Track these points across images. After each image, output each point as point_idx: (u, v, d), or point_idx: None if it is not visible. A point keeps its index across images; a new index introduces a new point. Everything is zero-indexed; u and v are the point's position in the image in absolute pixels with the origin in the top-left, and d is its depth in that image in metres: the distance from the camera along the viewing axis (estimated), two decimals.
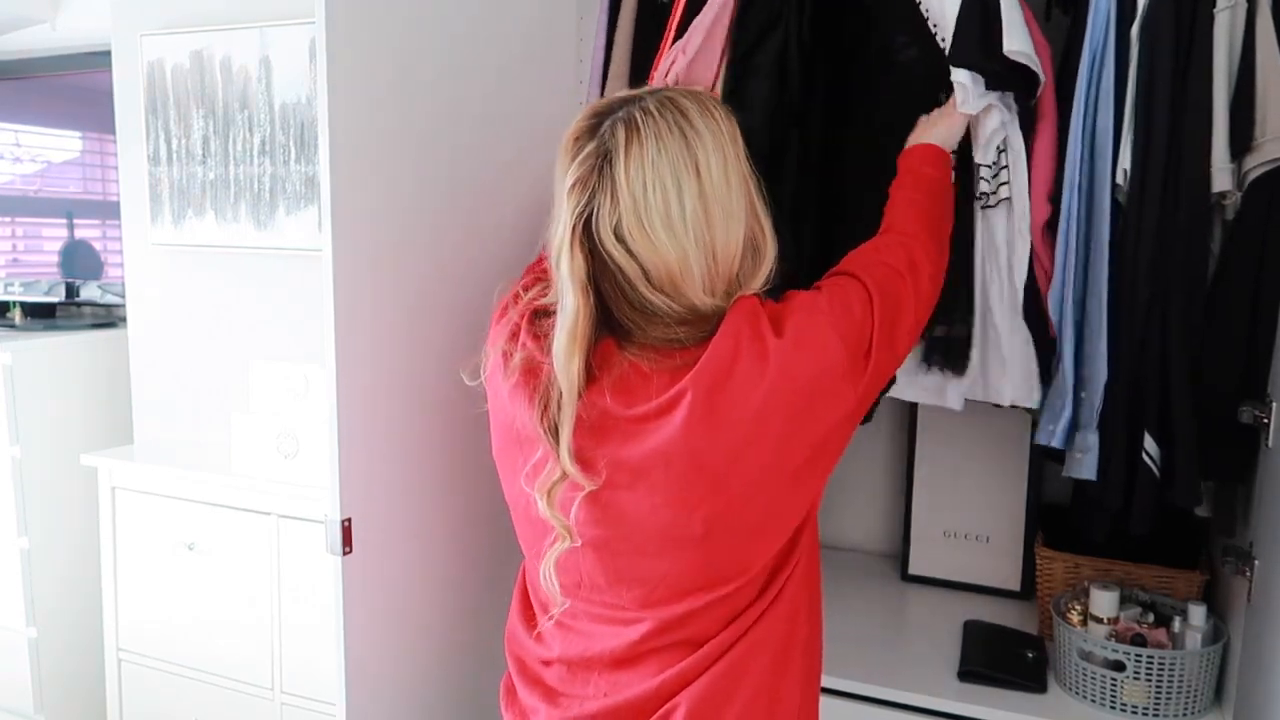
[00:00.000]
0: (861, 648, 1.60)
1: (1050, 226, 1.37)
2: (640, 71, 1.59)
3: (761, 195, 1.03)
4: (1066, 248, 1.33)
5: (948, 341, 1.45)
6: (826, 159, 1.51)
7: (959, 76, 1.34)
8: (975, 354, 1.43)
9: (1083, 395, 1.34)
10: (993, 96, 1.34)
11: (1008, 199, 1.39)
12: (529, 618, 1.13)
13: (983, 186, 1.39)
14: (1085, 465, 1.35)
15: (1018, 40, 1.29)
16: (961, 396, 1.46)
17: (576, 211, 0.96)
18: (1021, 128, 1.37)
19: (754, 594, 1.02)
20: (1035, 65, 1.31)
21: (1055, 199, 1.36)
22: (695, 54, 1.43)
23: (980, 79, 1.34)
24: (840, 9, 1.48)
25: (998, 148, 1.38)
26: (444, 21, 1.36)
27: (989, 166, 1.39)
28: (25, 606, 2.32)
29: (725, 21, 1.44)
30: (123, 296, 2.49)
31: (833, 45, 1.49)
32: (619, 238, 0.95)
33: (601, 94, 1.63)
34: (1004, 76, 1.33)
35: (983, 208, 1.40)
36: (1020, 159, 1.38)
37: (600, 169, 0.96)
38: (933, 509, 1.83)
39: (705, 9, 1.44)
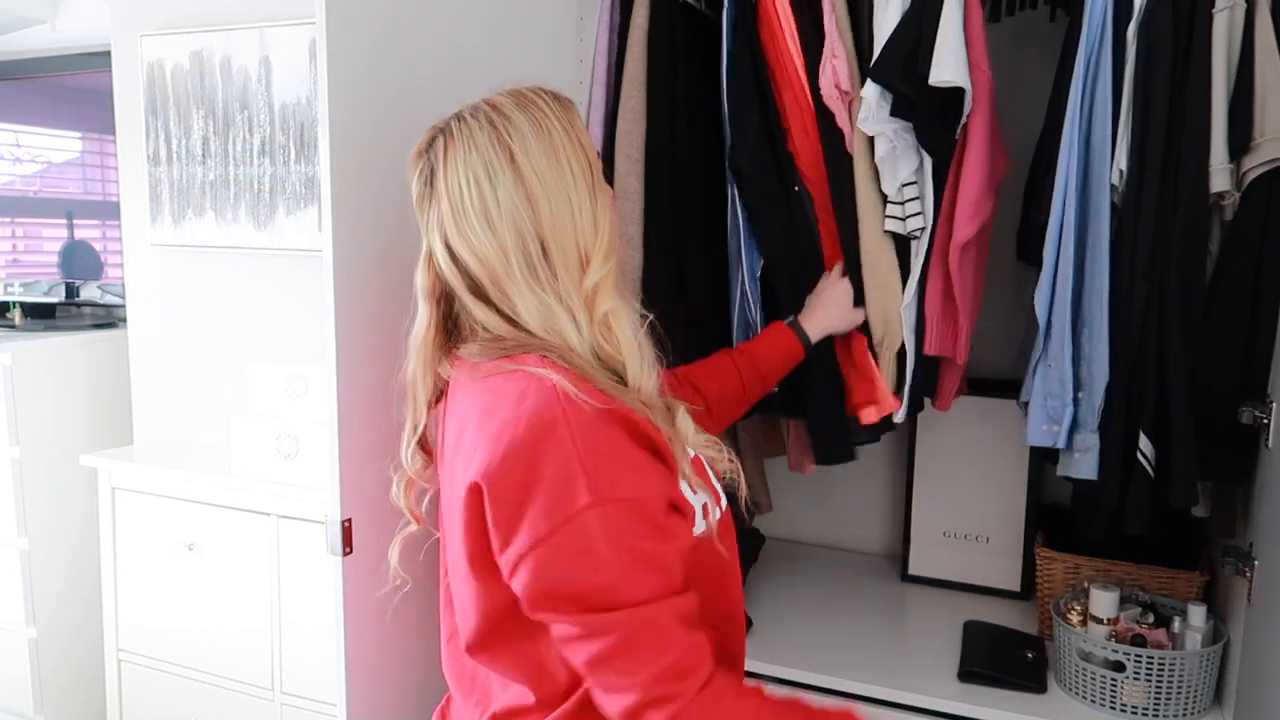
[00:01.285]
0: (861, 648, 1.60)
1: (969, 246, 1.41)
2: (660, 72, 1.57)
3: (609, 181, 1.02)
4: (1058, 249, 1.33)
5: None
6: None
7: (868, 92, 1.39)
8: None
9: (1080, 396, 1.34)
10: (891, 124, 1.38)
11: (923, 228, 1.44)
12: None
13: (891, 225, 1.45)
14: (1085, 465, 1.35)
15: (949, 70, 1.32)
16: None
17: (424, 229, 0.99)
18: (941, 152, 1.41)
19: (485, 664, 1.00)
20: (966, 90, 1.33)
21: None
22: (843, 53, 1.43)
23: (886, 101, 1.38)
24: None
25: (903, 182, 1.43)
26: (444, 22, 1.36)
27: (897, 203, 1.44)
28: (25, 606, 2.31)
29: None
30: (123, 297, 2.49)
31: None
32: (447, 246, 0.96)
33: (608, 95, 1.62)
34: (912, 105, 1.37)
35: (908, 240, 1.46)
36: (929, 188, 1.43)
37: (430, 182, 0.98)
38: (933, 509, 1.83)
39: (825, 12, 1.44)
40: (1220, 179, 1.24)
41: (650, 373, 0.96)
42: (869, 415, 1.49)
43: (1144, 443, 1.30)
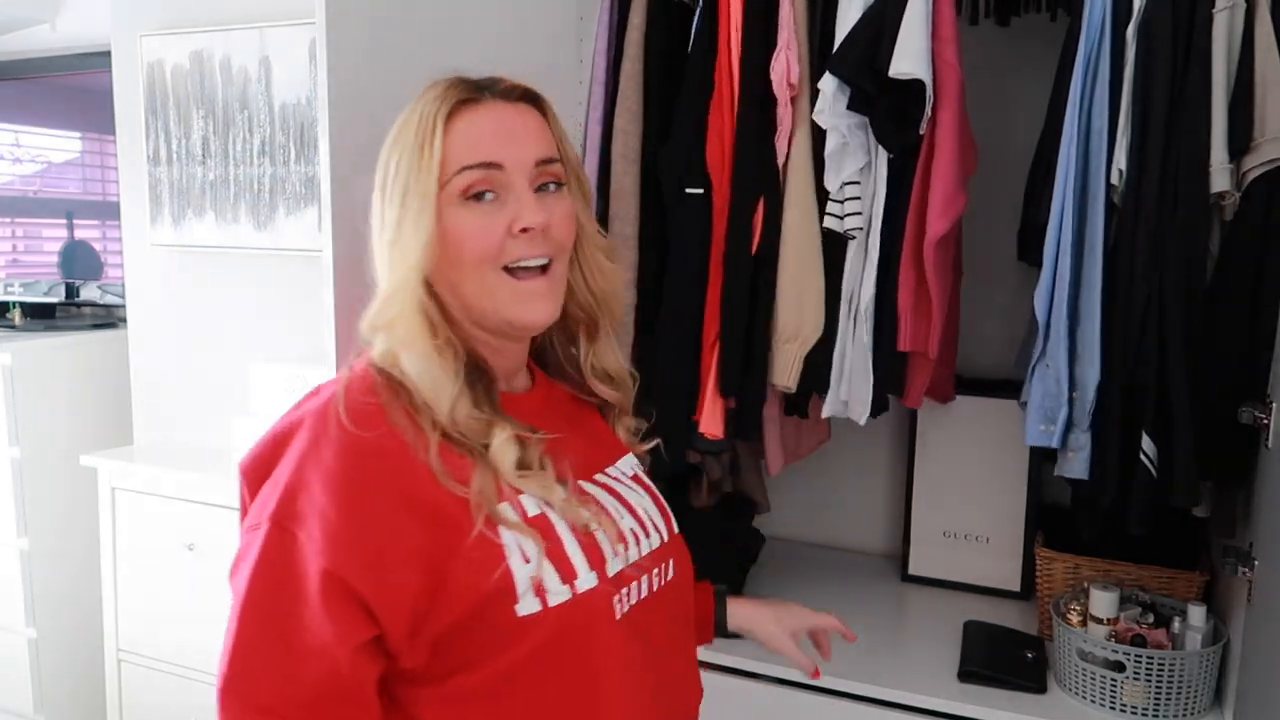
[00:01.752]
0: (861, 648, 1.59)
1: (945, 242, 1.41)
2: (657, 71, 1.56)
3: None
4: (1058, 250, 1.33)
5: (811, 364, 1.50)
6: None
7: (825, 84, 1.38)
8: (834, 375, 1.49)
9: (1075, 395, 1.35)
10: (846, 119, 1.38)
11: (861, 228, 1.44)
12: None
13: (829, 223, 1.45)
14: (1077, 464, 1.36)
15: (908, 62, 1.32)
16: (826, 412, 1.53)
17: None
18: (901, 149, 1.40)
19: None
20: (926, 82, 1.33)
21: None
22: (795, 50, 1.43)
23: (844, 95, 1.37)
24: None
25: (844, 181, 1.43)
26: (444, 22, 1.36)
27: (837, 201, 1.44)
28: (25, 606, 2.32)
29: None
30: (123, 297, 2.49)
31: None
32: None
33: (606, 95, 1.62)
34: (869, 100, 1.36)
35: (846, 239, 1.47)
36: (880, 186, 1.42)
37: None
38: (933, 509, 1.83)
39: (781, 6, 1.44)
40: (1220, 179, 1.24)
41: (443, 397, 0.83)
42: (706, 427, 1.49)
43: (1146, 443, 1.30)
